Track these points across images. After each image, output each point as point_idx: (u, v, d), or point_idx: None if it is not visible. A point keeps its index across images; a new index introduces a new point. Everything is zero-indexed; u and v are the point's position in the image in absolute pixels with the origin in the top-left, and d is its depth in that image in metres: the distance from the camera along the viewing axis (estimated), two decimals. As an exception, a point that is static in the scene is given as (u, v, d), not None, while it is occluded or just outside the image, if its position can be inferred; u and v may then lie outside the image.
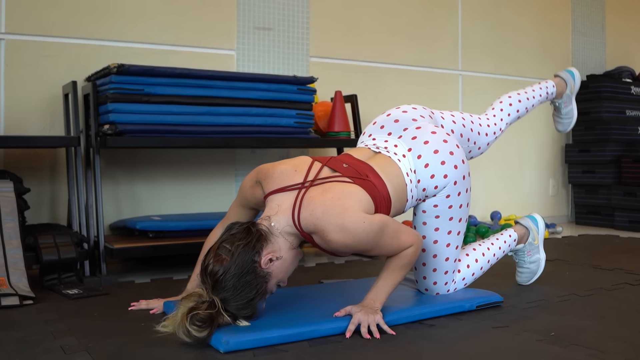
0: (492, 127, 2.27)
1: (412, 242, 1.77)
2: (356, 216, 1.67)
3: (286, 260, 1.70)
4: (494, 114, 2.31)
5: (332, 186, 1.73)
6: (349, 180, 1.77)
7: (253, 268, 1.62)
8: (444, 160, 1.91)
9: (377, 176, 1.82)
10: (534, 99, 2.38)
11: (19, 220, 2.35)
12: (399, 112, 2.05)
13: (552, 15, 4.69)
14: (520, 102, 2.35)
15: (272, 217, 1.72)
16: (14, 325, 1.80)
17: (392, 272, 1.77)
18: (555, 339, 1.66)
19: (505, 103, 2.34)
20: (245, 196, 1.88)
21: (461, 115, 2.20)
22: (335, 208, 1.67)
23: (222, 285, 1.59)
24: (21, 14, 2.82)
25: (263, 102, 2.87)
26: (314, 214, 1.68)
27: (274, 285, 1.70)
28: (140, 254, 2.61)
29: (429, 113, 2.08)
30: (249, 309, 1.64)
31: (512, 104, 2.34)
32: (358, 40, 3.78)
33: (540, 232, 2.33)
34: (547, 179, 4.69)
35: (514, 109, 2.34)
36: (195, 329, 1.53)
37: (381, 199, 1.80)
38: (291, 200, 1.73)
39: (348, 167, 1.83)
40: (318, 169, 1.80)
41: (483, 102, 4.33)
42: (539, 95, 2.40)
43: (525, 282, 2.35)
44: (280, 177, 1.77)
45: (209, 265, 1.62)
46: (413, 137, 1.95)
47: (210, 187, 3.27)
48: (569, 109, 2.50)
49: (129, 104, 2.59)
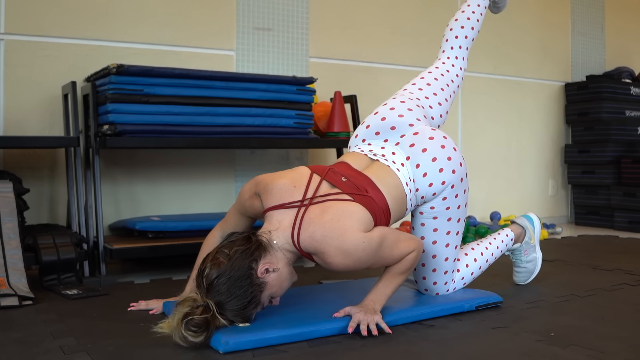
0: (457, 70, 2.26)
1: (413, 248, 1.78)
2: (355, 237, 1.67)
3: (282, 274, 1.70)
4: (448, 55, 2.28)
5: (331, 206, 1.73)
6: (348, 198, 1.76)
7: (249, 274, 1.61)
8: (442, 168, 1.91)
9: (376, 190, 1.82)
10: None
11: (18, 221, 2.35)
12: (395, 117, 2.00)
13: (551, 15, 4.69)
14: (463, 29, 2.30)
15: (273, 232, 1.72)
16: (14, 325, 1.80)
17: (393, 277, 1.78)
18: (555, 340, 1.66)
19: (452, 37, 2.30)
20: (244, 205, 1.88)
21: (439, 86, 2.17)
22: (335, 230, 1.67)
23: (217, 288, 1.59)
24: (21, 15, 2.82)
25: (262, 102, 2.87)
26: (313, 236, 1.69)
27: (267, 298, 1.69)
28: (140, 254, 2.61)
29: (421, 112, 2.06)
30: (241, 317, 1.64)
31: (457, 36, 2.29)
32: (357, 41, 3.78)
33: (536, 231, 2.33)
34: (547, 179, 4.69)
35: (469, 41, 2.30)
36: (191, 335, 1.53)
37: (380, 214, 1.80)
38: (291, 218, 1.73)
39: (347, 182, 1.81)
40: (317, 184, 1.79)
41: (483, 103, 4.34)
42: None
43: (522, 281, 2.35)
44: (279, 194, 1.76)
45: (205, 269, 1.62)
46: (411, 145, 1.94)
47: (209, 188, 3.26)
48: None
49: (129, 105, 2.59)
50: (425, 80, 2.18)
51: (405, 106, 2.04)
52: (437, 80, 2.19)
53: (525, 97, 4.57)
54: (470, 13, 2.32)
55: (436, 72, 2.22)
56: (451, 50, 2.29)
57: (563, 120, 4.79)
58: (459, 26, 2.30)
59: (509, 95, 4.48)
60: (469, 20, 2.31)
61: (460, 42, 2.29)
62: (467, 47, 2.30)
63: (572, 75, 4.81)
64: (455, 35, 2.29)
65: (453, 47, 2.29)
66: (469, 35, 2.30)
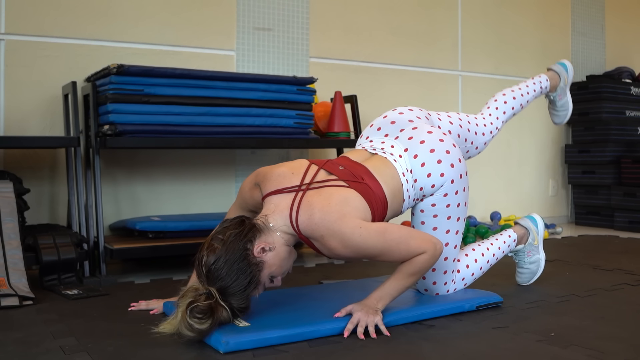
0: (489, 126, 2.28)
1: (425, 249, 1.74)
2: (353, 223, 1.68)
3: (280, 253, 1.70)
4: (490, 113, 2.32)
5: (329, 191, 1.75)
6: (344, 184, 1.77)
7: (245, 255, 1.62)
8: (441, 159, 1.91)
9: (372, 178, 1.83)
10: (528, 94, 2.41)
11: (18, 221, 2.35)
12: (395, 114, 2.07)
13: (551, 15, 4.69)
14: (515, 100, 2.37)
15: (269, 215, 1.73)
16: (14, 325, 1.80)
17: (402, 277, 1.76)
18: (555, 340, 1.66)
19: (500, 101, 2.36)
20: (244, 198, 1.91)
21: (457, 115, 2.21)
22: (333, 214, 1.69)
23: (216, 274, 1.60)
24: (21, 15, 2.82)
25: (263, 102, 2.87)
26: (312, 219, 1.70)
27: (267, 277, 1.69)
28: (140, 254, 2.61)
29: (425, 115, 2.10)
30: (244, 299, 1.64)
31: (507, 102, 2.36)
32: (358, 41, 3.78)
33: (539, 233, 2.33)
34: (547, 179, 4.69)
35: (509, 107, 2.36)
36: (197, 321, 1.54)
37: (377, 201, 1.80)
38: (288, 201, 1.75)
39: (344, 170, 1.84)
40: (314, 172, 1.82)
41: (483, 103, 4.33)
42: (533, 91, 2.43)
43: (525, 282, 2.35)
44: (278, 180, 1.79)
45: (202, 256, 1.63)
46: (409, 137, 1.96)
47: (210, 188, 3.27)
48: (563, 101, 2.53)
49: (129, 105, 2.59)
50: (450, 114, 2.21)
51: (409, 109, 2.09)
52: (461, 120, 2.21)
53: (526, 97, 4.56)
54: (519, 88, 2.43)
55: (466, 117, 2.25)
56: (496, 110, 2.34)
57: (563, 120, 4.78)
58: (508, 91, 2.40)
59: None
60: (513, 92, 2.40)
61: (506, 107, 2.35)
62: (505, 111, 2.35)
63: (572, 75, 4.81)
64: (503, 100, 2.36)
65: (498, 108, 2.35)
66: (516, 107, 2.38)
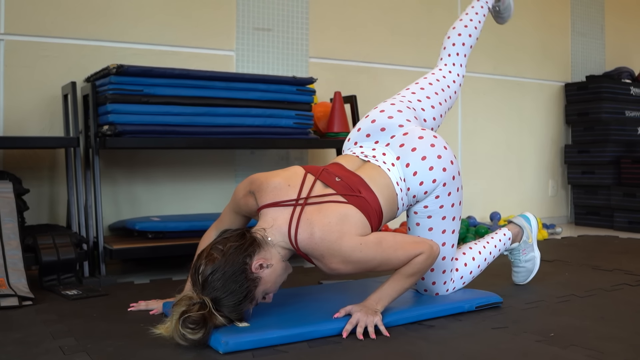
0: (455, 77, 2.29)
1: (421, 250, 1.75)
2: (353, 241, 1.69)
3: (276, 270, 1.70)
4: (450, 62, 2.31)
5: (328, 208, 1.74)
6: (343, 199, 1.77)
7: (243, 269, 1.62)
8: (432, 166, 1.91)
9: (368, 189, 1.83)
10: (479, 24, 2.37)
11: (18, 221, 2.35)
12: (384, 118, 2.03)
13: (551, 16, 4.69)
14: (469, 37, 2.34)
15: (268, 229, 1.72)
16: (13, 326, 1.80)
17: (400, 278, 1.77)
18: (555, 340, 1.66)
19: (454, 48, 2.33)
20: (238, 204, 1.89)
21: (433, 90, 2.19)
22: (334, 234, 1.69)
23: (212, 285, 1.59)
24: (20, 15, 2.82)
25: (262, 102, 2.87)
26: (312, 238, 1.70)
27: (261, 293, 1.69)
28: (140, 254, 2.61)
29: (412, 113, 2.08)
30: (237, 313, 1.64)
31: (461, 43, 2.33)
32: (357, 41, 3.78)
33: (533, 231, 2.34)
34: (547, 179, 4.69)
35: (467, 48, 2.33)
36: (189, 332, 1.53)
37: (374, 214, 1.80)
38: (286, 216, 1.74)
39: (340, 182, 1.82)
40: (311, 184, 1.80)
41: (483, 103, 4.34)
42: (481, 14, 2.40)
43: (522, 281, 2.35)
44: (274, 192, 1.78)
45: (200, 265, 1.63)
46: (401, 145, 1.96)
47: (209, 188, 3.26)
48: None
49: (128, 105, 2.59)
50: (419, 85, 2.21)
51: (395, 108, 2.06)
52: (432, 85, 2.21)
53: (525, 98, 4.57)
54: (468, 21, 2.36)
55: (431, 77, 2.25)
56: (448, 57, 2.32)
57: (563, 121, 4.79)
58: (456, 34, 2.34)
59: (509, 96, 4.48)
60: (466, 27, 2.34)
61: (457, 49, 2.32)
62: (465, 54, 2.33)
63: (572, 76, 4.81)
64: (452, 43, 2.32)
65: (450, 55, 2.32)
66: (467, 42, 2.33)
